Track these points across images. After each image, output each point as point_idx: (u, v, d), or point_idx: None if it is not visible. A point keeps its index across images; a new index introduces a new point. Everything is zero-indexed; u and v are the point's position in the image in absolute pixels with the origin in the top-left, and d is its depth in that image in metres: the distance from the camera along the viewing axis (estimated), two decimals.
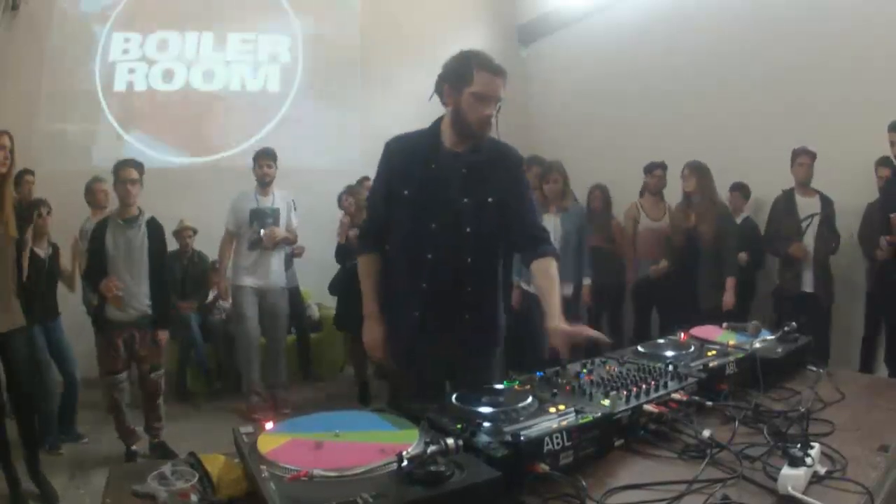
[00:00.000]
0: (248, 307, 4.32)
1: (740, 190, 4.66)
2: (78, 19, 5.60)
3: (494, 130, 1.87)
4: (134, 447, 3.61)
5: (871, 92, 3.94)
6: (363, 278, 1.98)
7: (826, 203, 4.04)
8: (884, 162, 3.86)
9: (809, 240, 4.03)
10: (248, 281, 4.31)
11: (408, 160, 1.89)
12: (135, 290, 3.48)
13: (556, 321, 1.75)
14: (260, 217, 4.32)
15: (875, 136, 3.76)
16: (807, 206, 4.07)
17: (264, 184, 4.37)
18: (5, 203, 2.79)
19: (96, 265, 3.46)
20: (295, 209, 4.56)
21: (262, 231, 4.29)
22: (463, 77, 1.79)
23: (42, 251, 3.81)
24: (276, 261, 4.42)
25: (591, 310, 4.72)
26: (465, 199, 1.86)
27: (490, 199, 1.88)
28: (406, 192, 1.86)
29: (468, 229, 1.87)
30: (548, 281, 1.87)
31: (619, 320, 5.20)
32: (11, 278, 2.90)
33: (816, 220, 4.02)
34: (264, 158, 4.37)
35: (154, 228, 3.58)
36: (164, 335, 3.60)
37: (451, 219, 1.86)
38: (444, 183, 1.85)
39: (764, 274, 4.68)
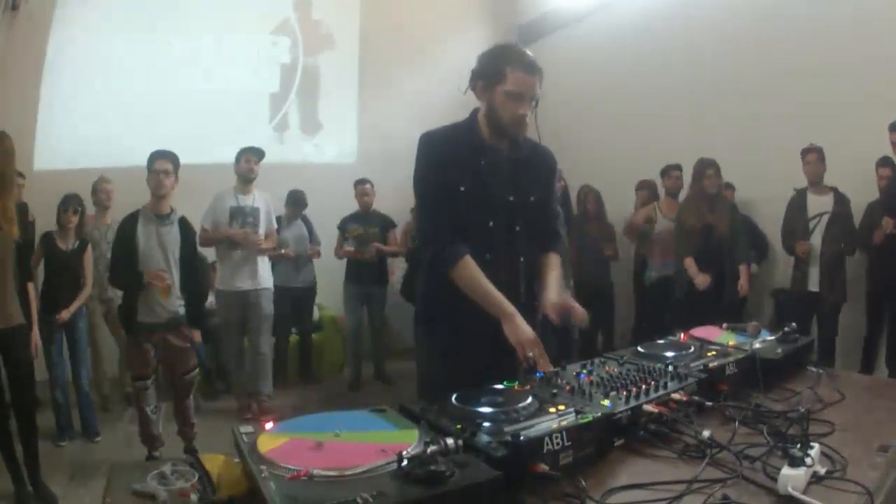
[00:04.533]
0: (230, 311, 4.28)
1: (731, 189, 4.68)
2: (78, 19, 5.59)
3: (534, 130, 1.83)
4: (157, 453, 3.48)
5: (872, 92, 3.94)
6: (480, 280, 1.74)
7: (840, 201, 4.00)
8: (884, 162, 3.87)
9: (817, 238, 4.01)
10: (229, 286, 4.24)
11: (456, 154, 1.79)
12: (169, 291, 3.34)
13: (552, 292, 1.79)
14: (240, 216, 4.24)
15: (876, 135, 3.77)
16: (818, 204, 4.05)
17: (248, 181, 4.29)
18: (6, 203, 2.79)
19: (126, 262, 3.29)
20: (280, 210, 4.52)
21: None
22: (496, 74, 1.73)
23: (64, 245, 3.81)
24: (261, 262, 4.32)
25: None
26: (511, 197, 1.82)
27: (533, 199, 1.86)
28: (462, 189, 1.77)
29: (517, 227, 1.84)
30: (548, 266, 1.89)
31: (609, 322, 5.22)
32: (12, 277, 2.90)
33: (825, 218, 4.00)
34: (251, 154, 4.30)
35: (186, 227, 3.49)
36: (198, 334, 3.54)
37: (504, 217, 1.82)
38: (493, 179, 1.80)
39: (764, 273, 4.69)
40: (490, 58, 1.76)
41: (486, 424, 1.19)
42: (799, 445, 1.14)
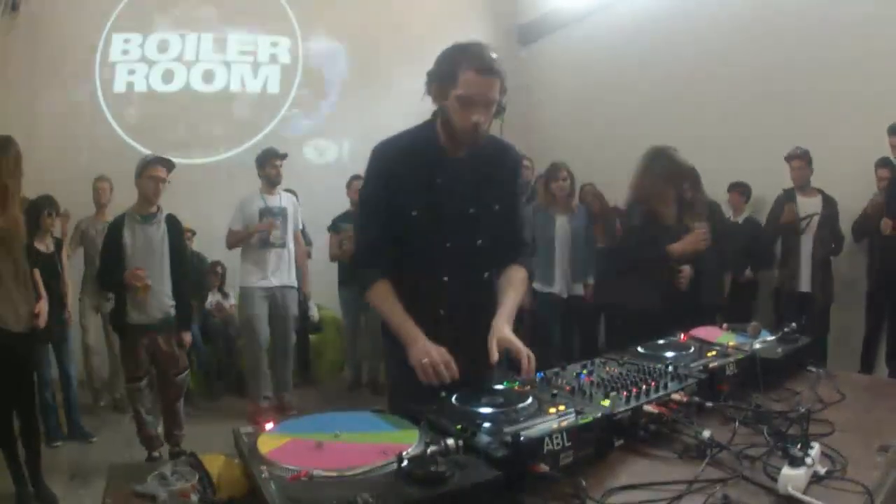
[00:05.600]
0: (258, 310, 4.29)
1: (739, 189, 4.65)
2: (78, 20, 5.60)
3: (497, 132, 1.72)
4: (156, 453, 3.46)
5: (871, 93, 3.94)
6: (388, 305, 1.65)
7: (828, 203, 4.03)
8: (884, 163, 3.87)
9: (808, 239, 4.02)
10: (259, 282, 4.28)
11: (409, 173, 1.65)
12: (157, 290, 3.31)
13: (503, 322, 1.62)
14: (268, 216, 4.30)
15: (876, 136, 3.77)
16: (807, 205, 4.07)
17: (275, 183, 4.36)
18: (7, 207, 2.80)
19: (114, 264, 3.27)
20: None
21: (282, 234, 4.28)
22: (448, 77, 1.57)
23: (44, 247, 3.82)
24: (287, 260, 4.39)
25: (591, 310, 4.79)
26: (472, 210, 1.69)
27: (497, 207, 1.73)
28: (414, 213, 1.65)
29: (479, 241, 1.71)
30: (510, 285, 1.73)
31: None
32: (25, 279, 2.91)
33: (816, 219, 4.02)
34: (276, 158, 4.35)
35: (174, 225, 3.46)
36: (188, 336, 3.52)
37: (463, 233, 1.69)
38: (451, 194, 1.67)
39: (765, 274, 4.68)
40: (444, 59, 1.60)
41: (487, 425, 1.19)
42: (799, 445, 1.13)
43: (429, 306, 1.67)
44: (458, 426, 1.17)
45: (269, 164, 4.33)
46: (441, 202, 1.67)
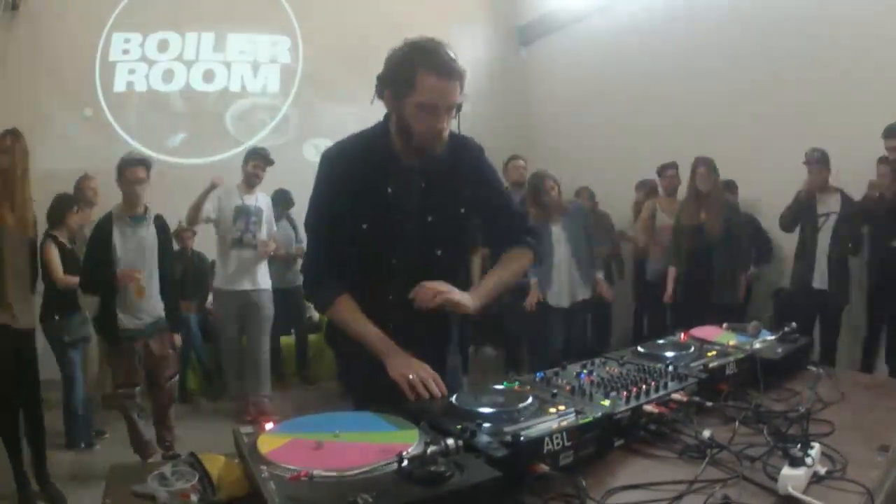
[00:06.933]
0: (229, 313, 4.28)
1: (729, 187, 4.67)
2: (78, 19, 5.60)
3: (456, 127, 1.59)
4: (150, 460, 3.37)
5: (871, 92, 3.94)
6: (353, 318, 1.57)
7: (847, 203, 4.01)
8: (884, 160, 3.86)
9: (825, 237, 4.01)
10: (231, 285, 4.25)
11: (359, 184, 1.54)
12: (149, 293, 3.27)
13: (471, 293, 1.58)
14: (244, 215, 4.28)
15: (875, 136, 3.77)
16: (826, 204, 4.05)
17: (252, 184, 4.34)
18: (18, 201, 2.80)
19: (102, 267, 3.18)
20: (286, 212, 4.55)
21: (254, 235, 4.25)
22: (405, 82, 1.46)
23: (70, 244, 3.82)
24: (259, 263, 4.36)
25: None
26: (430, 218, 1.58)
27: (462, 210, 1.63)
28: (365, 227, 1.55)
29: (438, 252, 1.61)
30: (499, 263, 1.69)
31: (608, 320, 5.25)
32: (29, 277, 2.91)
33: (833, 218, 4.01)
34: (256, 159, 4.33)
35: (162, 227, 3.43)
36: (178, 338, 3.49)
37: (415, 246, 1.58)
38: (403, 205, 1.56)
39: (766, 273, 4.69)
40: (398, 61, 1.48)
41: (487, 424, 1.18)
42: (799, 445, 1.14)
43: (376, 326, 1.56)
44: (458, 426, 1.17)
45: (248, 163, 4.32)
46: (390, 214, 1.56)
